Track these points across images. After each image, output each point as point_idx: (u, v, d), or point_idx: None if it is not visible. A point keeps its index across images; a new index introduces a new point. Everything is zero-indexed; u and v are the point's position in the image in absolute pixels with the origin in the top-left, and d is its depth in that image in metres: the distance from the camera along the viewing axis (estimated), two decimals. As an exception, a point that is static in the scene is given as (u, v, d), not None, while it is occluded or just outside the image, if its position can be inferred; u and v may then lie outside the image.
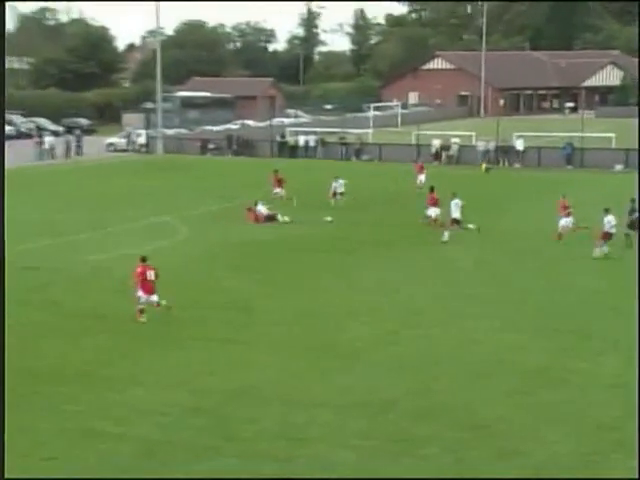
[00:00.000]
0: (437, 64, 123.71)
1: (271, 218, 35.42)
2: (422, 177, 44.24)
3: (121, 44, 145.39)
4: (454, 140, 61.14)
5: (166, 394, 16.45)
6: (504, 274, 26.36)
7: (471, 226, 31.75)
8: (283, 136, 66.72)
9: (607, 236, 28.32)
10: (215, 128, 78.16)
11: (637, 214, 30.01)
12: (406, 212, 36.93)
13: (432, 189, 34.23)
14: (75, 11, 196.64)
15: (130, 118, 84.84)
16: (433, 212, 33.44)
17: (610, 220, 28.41)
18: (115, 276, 25.41)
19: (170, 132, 73.79)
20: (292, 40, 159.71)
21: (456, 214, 31.49)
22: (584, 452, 13.93)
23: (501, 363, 18.13)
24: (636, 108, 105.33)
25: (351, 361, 18.35)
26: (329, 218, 35.23)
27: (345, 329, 20.66)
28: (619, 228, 28.84)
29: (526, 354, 18.72)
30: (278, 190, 39.89)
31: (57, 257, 28.49)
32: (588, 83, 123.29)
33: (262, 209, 35.74)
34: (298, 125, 78.23)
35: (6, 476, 11.02)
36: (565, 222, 31.02)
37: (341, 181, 39.40)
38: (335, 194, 39.09)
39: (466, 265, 27.54)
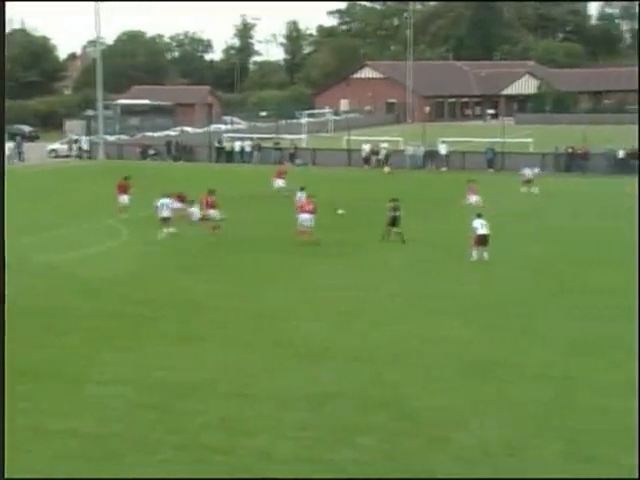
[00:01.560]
0: (366, 73, 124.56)
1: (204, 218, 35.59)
2: (280, 182, 43.06)
3: (62, 54, 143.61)
4: (383, 145, 61.62)
5: (117, 389, 16.30)
6: (447, 273, 26.33)
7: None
8: (220, 142, 66.61)
9: (480, 239, 27.54)
10: (155, 134, 77.62)
11: (398, 212, 30.48)
12: (348, 215, 37.05)
13: (211, 191, 34.00)
14: (17, 21, 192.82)
15: (72, 125, 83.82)
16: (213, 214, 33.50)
17: (482, 223, 27.60)
18: (64, 276, 25.14)
19: (111, 138, 73.15)
20: (228, 50, 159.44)
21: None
22: (509, 438, 14.14)
23: (442, 357, 18.23)
24: (552, 115, 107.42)
25: (300, 357, 18.31)
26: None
27: (295, 326, 20.59)
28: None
29: (464, 348, 18.83)
30: (124, 197, 37.48)
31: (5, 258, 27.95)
32: (507, 91, 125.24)
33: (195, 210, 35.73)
34: (235, 131, 78.01)
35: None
36: (303, 219, 30.93)
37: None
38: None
39: (408, 264, 27.55)
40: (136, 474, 12.94)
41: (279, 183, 43.27)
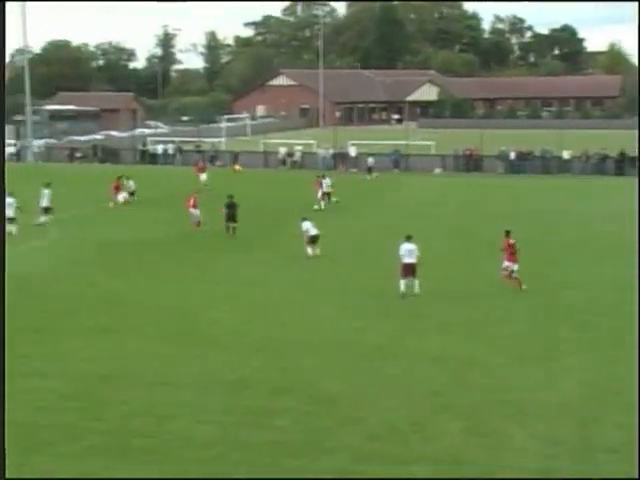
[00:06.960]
0: (281, 81, 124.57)
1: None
2: (204, 176, 46.36)
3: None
4: (297, 148, 61.66)
5: (43, 382, 15.87)
6: (341, 267, 26.33)
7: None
8: (144, 145, 65.81)
9: (311, 239, 27.48)
10: (82, 138, 76.15)
11: (234, 209, 31.12)
12: (258, 213, 36.91)
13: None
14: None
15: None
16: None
17: (311, 225, 27.70)
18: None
19: (39, 142, 71.40)
20: (151, 59, 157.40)
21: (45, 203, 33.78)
22: (414, 416, 14.24)
23: (344, 344, 18.26)
24: (451, 120, 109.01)
25: (211, 346, 18.16)
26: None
27: (206, 318, 20.42)
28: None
29: (365, 335, 18.92)
30: None
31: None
32: (410, 98, 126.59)
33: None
34: (158, 135, 77.08)
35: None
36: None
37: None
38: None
39: (312, 261, 27.45)
40: (65, 461, 12.65)
41: (203, 178, 46.27)
